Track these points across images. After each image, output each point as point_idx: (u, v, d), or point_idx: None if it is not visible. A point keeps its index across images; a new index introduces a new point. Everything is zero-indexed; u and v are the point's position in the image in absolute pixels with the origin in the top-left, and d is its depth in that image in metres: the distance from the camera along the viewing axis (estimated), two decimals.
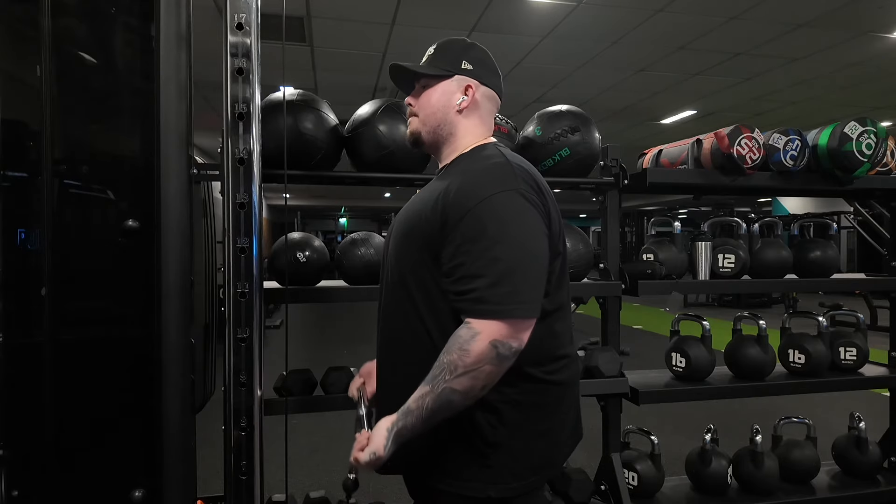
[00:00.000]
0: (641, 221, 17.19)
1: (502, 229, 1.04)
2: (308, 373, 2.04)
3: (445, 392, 1.01)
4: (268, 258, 1.91)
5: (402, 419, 1.04)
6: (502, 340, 1.01)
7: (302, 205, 19.95)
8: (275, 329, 7.03)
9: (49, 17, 1.43)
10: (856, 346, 2.46)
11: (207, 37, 2.36)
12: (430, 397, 1.02)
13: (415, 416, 1.03)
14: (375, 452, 1.04)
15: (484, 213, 1.05)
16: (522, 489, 1.10)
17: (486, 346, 1.00)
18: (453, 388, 1.00)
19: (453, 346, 1.02)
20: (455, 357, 1.00)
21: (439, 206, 1.10)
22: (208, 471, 2.01)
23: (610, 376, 2.18)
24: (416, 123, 1.27)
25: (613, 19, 4.76)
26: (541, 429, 1.12)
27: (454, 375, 1.00)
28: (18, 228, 1.47)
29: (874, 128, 2.18)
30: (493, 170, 1.12)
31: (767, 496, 2.32)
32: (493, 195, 1.06)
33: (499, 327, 1.01)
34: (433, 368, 1.03)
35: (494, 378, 1.02)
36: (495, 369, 1.01)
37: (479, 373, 1.00)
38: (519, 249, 1.04)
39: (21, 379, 1.47)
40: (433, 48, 1.27)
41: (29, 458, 1.47)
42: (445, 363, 1.01)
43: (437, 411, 1.02)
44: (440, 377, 1.01)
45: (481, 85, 1.24)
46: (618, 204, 2.30)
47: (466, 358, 1.00)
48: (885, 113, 8.02)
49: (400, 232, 1.21)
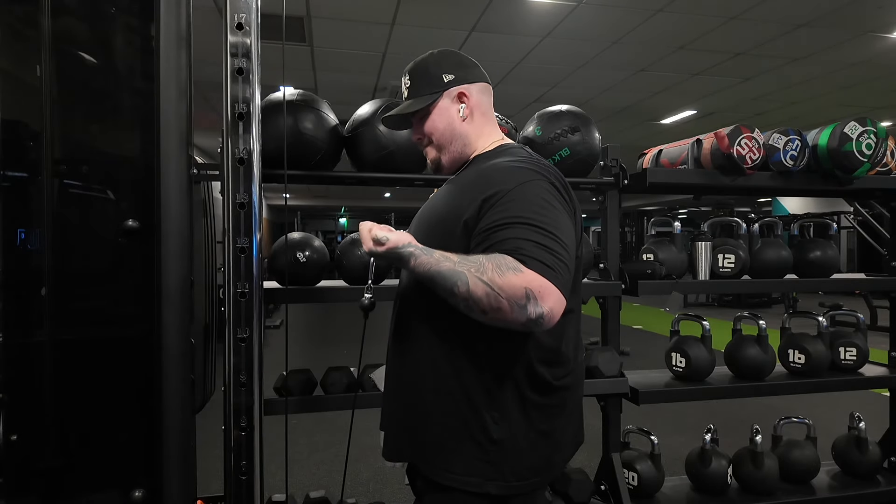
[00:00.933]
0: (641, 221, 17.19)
1: (547, 208, 1.03)
2: (308, 373, 2.04)
3: (460, 275, 0.97)
4: (268, 258, 1.91)
5: (420, 250, 1.04)
6: (536, 295, 0.94)
7: (302, 205, 19.95)
8: (275, 329, 7.03)
9: (49, 17, 1.43)
10: (856, 346, 2.46)
11: (207, 37, 2.36)
12: (448, 265, 0.99)
13: (429, 259, 1.02)
14: (388, 237, 1.05)
15: (526, 192, 1.04)
16: (522, 489, 1.11)
17: (521, 286, 0.94)
18: (466, 281, 0.96)
19: (497, 259, 0.97)
20: (491, 267, 0.96)
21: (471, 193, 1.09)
22: (208, 471, 2.01)
23: (610, 376, 2.18)
24: (433, 153, 1.28)
25: (613, 19, 4.76)
26: (544, 430, 1.13)
27: (477, 276, 0.96)
28: (18, 228, 1.47)
29: (874, 128, 2.18)
30: (528, 162, 1.13)
31: (767, 496, 2.32)
32: (533, 180, 1.07)
33: (542, 284, 0.95)
34: (471, 256, 1.00)
35: (500, 316, 0.96)
36: (507, 311, 0.95)
37: (494, 297, 0.94)
38: (560, 232, 1.03)
39: (21, 379, 1.47)
40: (408, 79, 1.27)
41: (29, 458, 1.47)
42: (482, 262, 0.97)
43: (443, 279, 0.99)
44: (468, 263, 0.98)
45: (470, 85, 1.24)
46: (618, 204, 2.30)
47: (497, 278, 0.95)
48: (885, 113, 8.02)
49: (425, 226, 1.19)
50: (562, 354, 1.15)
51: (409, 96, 1.26)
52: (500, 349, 1.09)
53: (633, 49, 5.45)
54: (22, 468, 1.47)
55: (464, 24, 4.90)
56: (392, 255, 1.05)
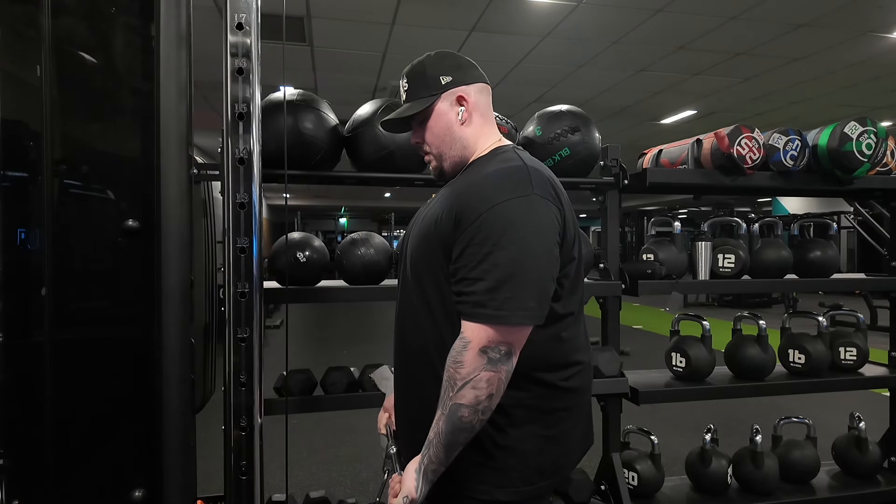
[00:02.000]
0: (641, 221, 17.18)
1: (510, 235, 1.03)
2: (308, 373, 2.04)
3: (453, 409, 1.01)
4: (268, 258, 1.91)
5: (425, 453, 1.05)
6: (493, 346, 1.01)
7: (302, 205, 19.95)
8: (275, 329, 7.03)
9: (49, 17, 1.43)
10: (856, 346, 2.46)
11: (207, 37, 2.36)
12: (442, 420, 1.02)
13: (435, 445, 1.04)
14: (408, 496, 1.05)
15: (494, 217, 1.04)
16: (531, 493, 1.10)
17: (476, 354, 1.00)
18: (459, 403, 1.00)
19: (449, 360, 1.03)
20: (451, 371, 1.02)
21: (455, 207, 1.10)
22: (208, 471, 2.01)
23: (610, 376, 2.18)
24: (434, 161, 1.26)
25: (613, 19, 4.76)
26: (551, 434, 1.12)
27: (455, 390, 1.01)
28: (18, 228, 1.47)
29: (874, 128, 2.18)
30: (511, 174, 1.10)
31: (767, 496, 2.32)
32: (507, 201, 1.06)
33: (489, 333, 1.01)
34: (441, 391, 1.04)
35: (496, 383, 1.01)
36: (493, 374, 1.01)
37: (478, 381, 1.00)
38: (524, 256, 1.03)
39: (21, 379, 1.47)
40: (405, 81, 1.25)
41: (29, 458, 1.47)
42: (446, 380, 1.02)
43: (453, 432, 1.02)
44: (445, 396, 1.02)
45: (468, 86, 1.22)
46: (618, 204, 2.30)
47: (461, 370, 1.00)
48: (885, 113, 8.02)
49: (419, 232, 1.20)
50: (564, 357, 1.14)
51: (407, 99, 1.24)
52: None
53: (633, 49, 5.45)
54: (22, 468, 1.46)
55: (464, 24, 4.90)
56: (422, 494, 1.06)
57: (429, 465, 1.04)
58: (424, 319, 1.14)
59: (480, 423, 1.03)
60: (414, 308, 1.18)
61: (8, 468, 1.45)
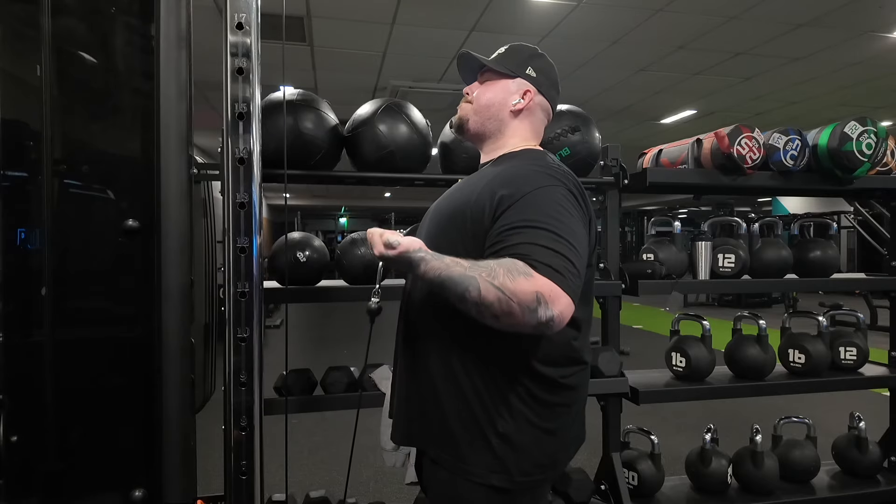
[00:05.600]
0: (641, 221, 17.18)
1: (559, 214, 1.04)
2: (308, 373, 2.04)
3: (471, 280, 0.96)
4: (268, 258, 1.91)
5: (431, 255, 1.03)
6: (547, 299, 0.95)
7: (302, 205, 19.94)
8: (275, 329, 7.03)
9: (49, 17, 1.43)
10: (856, 346, 2.46)
11: (207, 37, 2.36)
12: (459, 270, 0.98)
13: (439, 264, 1.01)
14: (401, 243, 1.03)
15: (541, 197, 1.05)
16: (526, 484, 1.12)
17: (532, 291, 0.94)
18: (477, 286, 0.96)
19: (508, 264, 0.97)
20: (502, 272, 0.96)
21: (493, 189, 1.10)
22: (208, 471, 2.01)
23: (610, 376, 2.18)
24: (466, 109, 1.29)
25: (613, 19, 4.76)
26: (549, 427, 1.14)
27: (489, 281, 0.95)
28: (18, 228, 1.47)
29: (874, 128, 2.18)
30: (549, 168, 1.14)
31: (767, 496, 2.32)
32: (552, 186, 1.08)
33: (552, 288, 0.96)
34: (481, 262, 1.00)
35: (511, 321, 0.96)
36: (518, 316, 0.95)
37: (505, 302, 0.94)
38: (570, 237, 1.03)
39: (21, 379, 1.47)
40: (504, 48, 1.30)
41: (29, 457, 1.47)
42: (492, 267, 0.97)
43: (454, 284, 0.98)
44: (479, 268, 0.98)
45: (539, 93, 1.27)
46: (618, 204, 2.29)
47: (509, 283, 0.95)
48: (885, 113, 8.02)
49: (439, 219, 1.20)
50: (570, 358, 1.16)
51: (494, 59, 1.28)
52: (507, 347, 1.10)
53: (633, 49, 5.45)
54: (22, 468, 1.46)
55: (464, 24, 4.89)
56: (403, 260, 1.04)
57: (426, 260, 1.02)
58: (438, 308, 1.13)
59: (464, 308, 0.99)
60: (426, 298, 1.18)
61: (8, 467, 1.45)
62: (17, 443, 1.46)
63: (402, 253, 1.03)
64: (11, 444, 1.45)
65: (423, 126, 2.02)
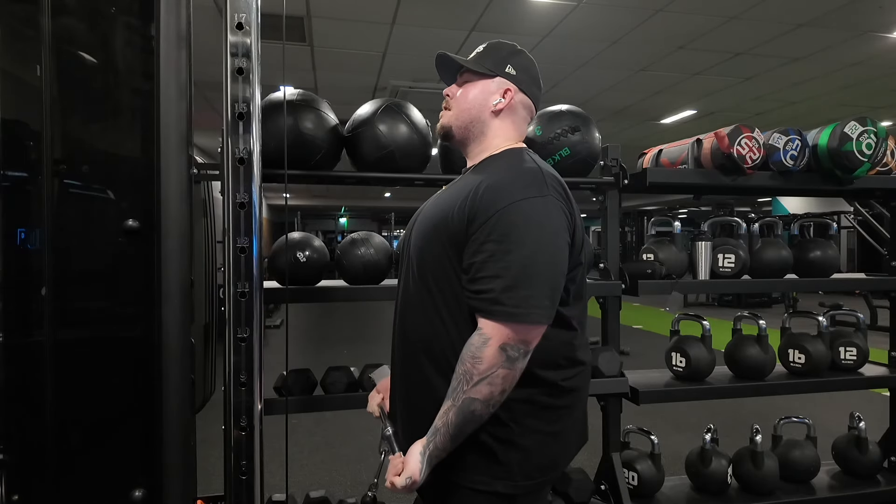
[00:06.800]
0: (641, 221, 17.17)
1: (527, 234, 1.05)
2: (308, 373, 2.04)
3: (466, 403, 1.03)
4: (268, 258, 1.91)
5: (431, 440, 1.07)
6: (512, 344, 1.03)
7: (302, 205, 19.94)
8: (275, 329, 7.03)
9: (49, 17, 1.43)
10: (856, 346, 2.46)
11: (207, 37, 2.36)
12: (452, 412, 1.04)
13: (442, 434, 1.05)
14: (411, 477, 1.06)
15: (511, 215, 1.06)
16: (529, 488, 1.12)
17: (496, 350, 1.02)
18: (473, 398, 1.03)
19: (466, 354, 1.04)
20: (469, 366, 1.03)
21: (468, 203, 1.11)
22: (208, 471, 2.01)
23: (610, 376, 2.18)
24: (448, 117, 1.29)
25: (613, 19, 4.76)
26: (551, 430, 1.14)
27: (471, 385, 1.02)
28: (18, 228, 1.47)
29: (874, 128, 2.18)
30: (526, 174, 1.13)
31: (767, 496, 2.32)
32: (524, 199, 1.08)
33: (509, 331, 1.03)
34: (452, 381, 1.05)
35: (511, 380, 1.04)
36: (509, 372, 1.03)
37: (494, 378, 1.02)
38: (540, 255, 1.05)
39: (21, 379, 1.47)
40: (482, 47, 1.29)
41: (29, 458, 1.47)
42: (461, 374, 1.04)
43: (463, 424, 1.04)
44: (458, 389, 1.04)
45: (520, 91, 1.26)
46: (618, 204, 2.30)
47: (479, 365, 1.02)
48: (885, 113, 8.02)
49: (424, 228, 1.21)
50: (568, 358, 1.16)
51: (473, 59, 1.28)
52: None
53: (633, 49, 5.45)
54: (22, 468, 1.46)
55: (464, 24, 4.89)
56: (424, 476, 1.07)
57: (433, 452, 1.06)
58: (430, 313, 1.15)
59: (488, 416, 1.05)
60: (417, 302, 1.18)
61: (8, 467, 1.45)
62: (17, 442, 1.46)
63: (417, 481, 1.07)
64: (11, 443, 1.45)
65: (423, 126, 2.02)
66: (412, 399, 1.20)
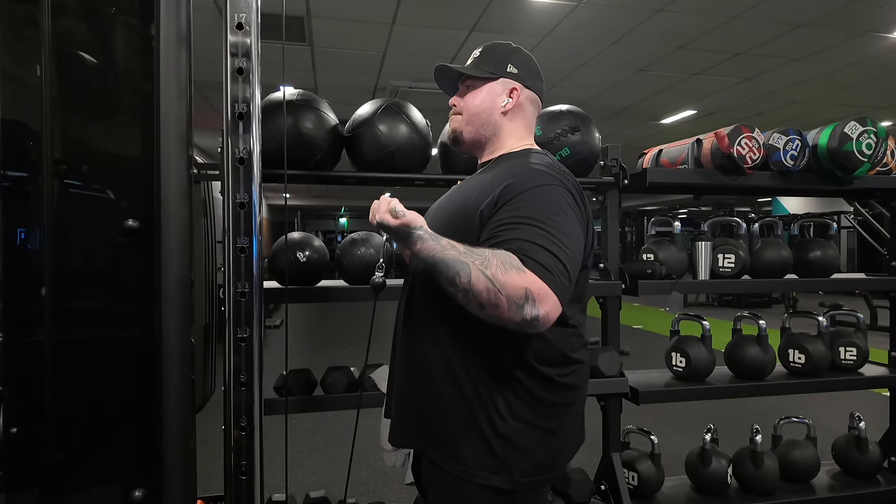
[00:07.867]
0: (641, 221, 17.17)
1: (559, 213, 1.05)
2: (308, 373, 2.04)
3: (464, 266, 0.97)
4: (268, 258, 1.91)
5: (429, 235, 1.03)
6: (535, 297, 0.95)
7: (302, 205, 19.94)
8: (275, 329, 7.03)
9: (49, 17, 1.43)
10: (856, 346, 2.46)
11: (207, 37, 2.36)
12: (454, 254, 0.99)
13: (435, 245, 1.01)
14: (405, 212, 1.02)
15: (543, 193, 1.07)
16: (527, 485, 1.12)
17: (521, 286, 0.95)
18: (469, 273, 0.96)
19: (503, 256, 0.98)
20: (495, 263, 0.96)
21: (490, 190, 1.11)
22: (208, 471, 2.01)
23: (610, 376, 2.18)
24: (458, 121, 1.29)
25: (613, 19, 4.76)
26: (549, 428, 1.14)
27: (480, 269, 0.96)
28: (18, 228, 1.47)
29: (874, 128, 2.18)
30: (548, 168, 1.15)
31: (767, 496, 2.32)
32: (550, 185, 1.09)
33: (542, 287, 0.96)
34: (477, 249, 1.00)
35: (496, 312, 0.97)
36: (504, 309, 0.96)
37: (493, 293, 0.95)
38: (568, 239, 1.04)
39: (21, 379, 1.47)
40: (479, 51, 1.30)
41: (29, 457, 1.47)
42: (487, 256, 0.98)
43: (447, 267, 0.98)
44: (473, 255, 0.98)
45: (525, 88, 1.28)
46: (618, 204, 2.30)
47: (500, 275, 0.95)
48: (885, 113, 8.02)
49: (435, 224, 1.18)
50: (567, 356, 1.16)
51: (472, 65, 1.28)
52: (506, 345, 1.10)
53: (633, 49, 5.45)
54: (22, 469, 1.46)
55: (464, 24, 4.89)
56: (402, 232, 1.03)
57: (424, 238, 1.02)
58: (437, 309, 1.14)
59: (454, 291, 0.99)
60: (423, 298, 1.18)
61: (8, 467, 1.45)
62: (17, 442, 1.46)
63: (404, 224, 1.03)
64: (11, 444, 1.45)
65: (423, 126, 2.02)
66: (412, 397, 1.20)
